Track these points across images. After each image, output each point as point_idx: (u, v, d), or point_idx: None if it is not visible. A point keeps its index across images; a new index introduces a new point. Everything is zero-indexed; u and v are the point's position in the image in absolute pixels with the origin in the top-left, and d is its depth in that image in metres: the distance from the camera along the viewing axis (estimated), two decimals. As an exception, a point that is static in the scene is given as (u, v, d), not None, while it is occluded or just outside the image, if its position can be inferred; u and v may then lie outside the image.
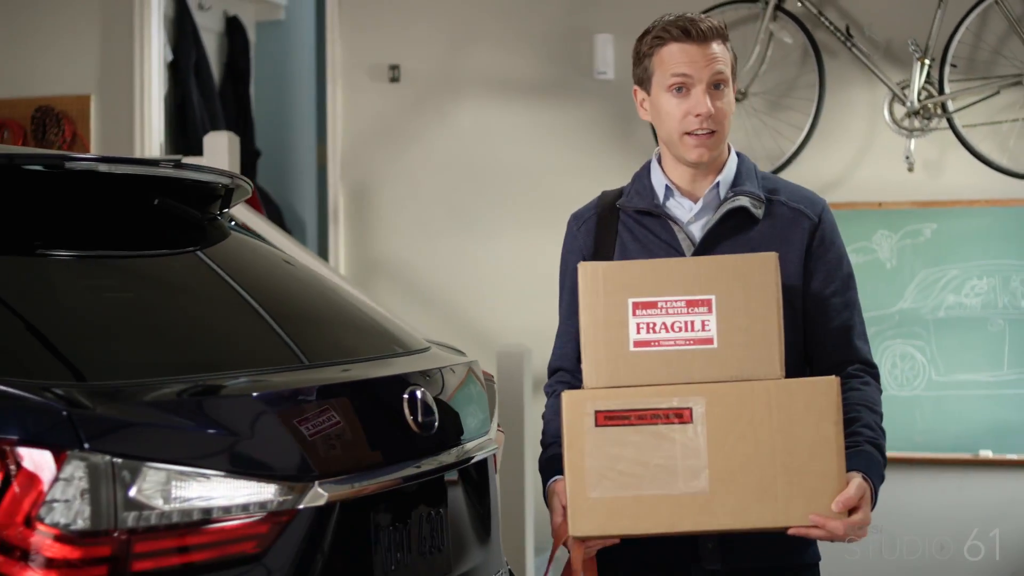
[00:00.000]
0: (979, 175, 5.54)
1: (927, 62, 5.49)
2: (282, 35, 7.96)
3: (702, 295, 2.41)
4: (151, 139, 6.39)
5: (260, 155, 7.48)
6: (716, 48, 2.65)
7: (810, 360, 2.70)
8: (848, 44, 5.62)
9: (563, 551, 2.53)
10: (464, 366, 3.01)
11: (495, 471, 3.01)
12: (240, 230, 3.15)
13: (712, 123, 2.64)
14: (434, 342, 3.18)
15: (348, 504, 2.36)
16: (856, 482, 2.40)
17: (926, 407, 5.56)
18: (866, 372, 2.69)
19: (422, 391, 2.64)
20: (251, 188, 3.14)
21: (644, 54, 2.70)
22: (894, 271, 5.62)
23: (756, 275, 2.43)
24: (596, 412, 2.37)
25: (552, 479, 2.60)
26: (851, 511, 2.38)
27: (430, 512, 2.65)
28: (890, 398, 5.46)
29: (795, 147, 5.67)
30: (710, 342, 2.40)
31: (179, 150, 6.69)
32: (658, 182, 2.74)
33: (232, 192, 3.06)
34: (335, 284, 3.28)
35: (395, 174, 6.35)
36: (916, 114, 5.52)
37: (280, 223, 6.89)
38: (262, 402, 2.35)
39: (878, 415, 2.64)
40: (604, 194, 2.84)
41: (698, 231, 2.69)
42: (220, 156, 5.37)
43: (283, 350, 2.67)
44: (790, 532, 2.40)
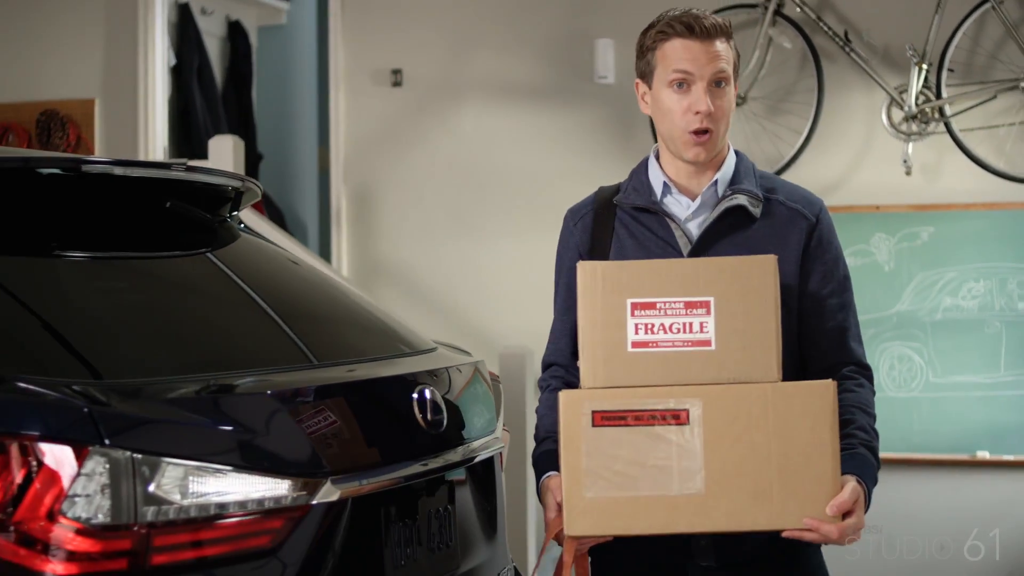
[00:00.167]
0: (976, 179, 5.55)
1: (925, 67, 5.51)
2: (283, 39, 7.96)
3: (701, 297, 2.41)
4: (155, 143, 6.41)
5: (262, 159, 7.50)
6: (719, 46, 2.63)
7: (804, 360, 2.69)
8: (846, 49, 5.63)
9: (555, 546, 2.54)
10: (470, 366, 3.04)
11: (501, 469, 3.05)
12: (249, 232, 3.19)
13: (711, 121, 2.62)
14: (440, 343, 3.21)
15: (360, 500, 2.40)
16: (850, 486, 2.40)
17: (924, 408, 5.56)
18: (860, 374, 2.68)
19: (431, 390, 2.68)
20: (260, 191, 3.18)
21: (647, 48, 2.69)
22: (892, 274, 5.62)
23: (755, 277, 2.42)
24: (593, 412, 2.37)
25: (546, 475, 2.60)
26: (845, 515, 2.39)
27: (438, 509, 2.68)
28: (888, 399, 5.53)
29: (794, 151, 5.69)
30: (708, 344, 2.40)
31: (182, 154, 6.72)
32: (656, 179, 2.73)
33: (241, 195, 3.10)
34: (341, 285, 3.31)
35: (397, 178, 6.37)
36: (914, 118, 5.54)
37: (282, 226, 6.91)
38: (276, 400, 2.39)
39: (872, 417, 2.63)
40: (601, 189, 2.83)
41: (695, 229, 2.68)
42: (225, 160, 5.42)
43: (292, 349, 2.70)
44: (784, 535, 2.40)
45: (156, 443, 2.12)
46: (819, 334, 2.67)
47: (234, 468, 2.20)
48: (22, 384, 2.11)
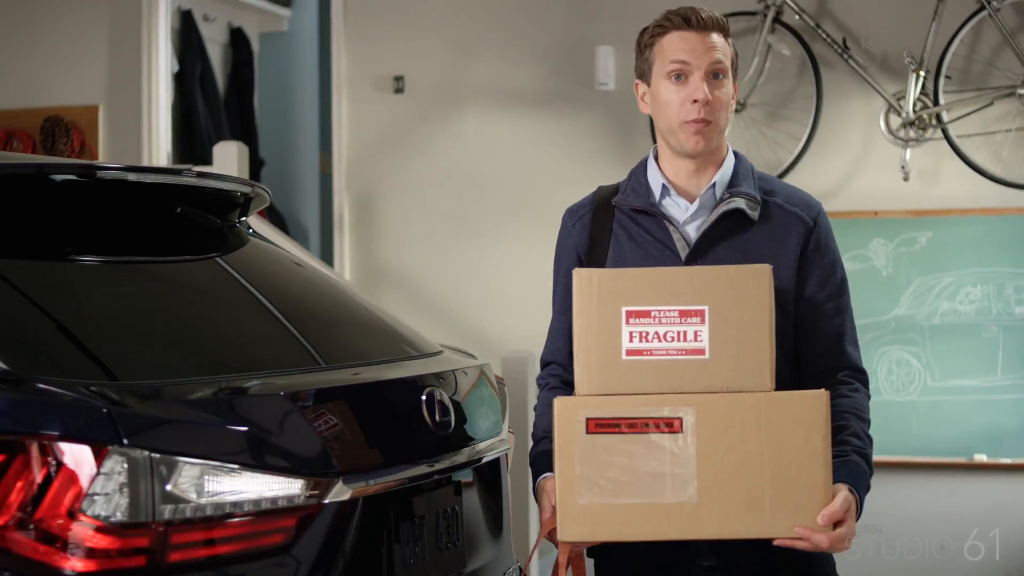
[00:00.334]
0: (973, 184, 5.57)
1: (922, 74, 5.53)
2: (285, 46, 7.98)
3: (695, 305, 2.41)
4: (158, 149, 6.43)
5: (264, 164, 7.52)
6: (716, 38, 2.63)
7: (800, 364, 2.69)
8: (845, 56, 5.65)
9: (548, 544, 2.54)
10: (476, 369, 3.08)
11: (507, 470, 3.09)
12: (257, 237, 3.22)
13: (708, 111, 2.62)
14: (446, 346, 3.25)
15: (370, 500, 2.45)
16: (842, 495, 2.40)
17: (921, 412, 5.55)
18: (855, 378, 2.68)
19: (439, 392, 2.72)
20: (269, 196, 3.21)
21: (646, 44, 2.70)
22: (890, 278, 5.64)
23: (750, 287, 2.42)
24: (587, 419, 2.37)
25: (543, 476, 2.60)
26: (836, 524, 2.38)
27: (446, 509, 2.73)
28: (886, 403, 5.55)
29: (793, 157, 5.71)
30: (702, 352, 2.40)
31: (185, 159, 6.74)
32: (654, 180, 2.72)
33: (250, 200, 3.14)
34: (348, 289, 3.35)
35: (399, 183, 6.39)
36: (911, 124, 5.55)
37: (284, 232, 6.93)
38: (289, 401, 2.43)
39: (866, 422, 2.63)
40: (600, 189, 2.83)
41: (693, 232, 2.67)
42: (229, 165, 5.45)
43: (300, 352, 2.75)
44: (775, 543, 2.41)
45: (173, 443, 2.17)
46: (815, 338, 2.67)
47: (248, 468, 2.25)
48: (41, 385, 2.16)
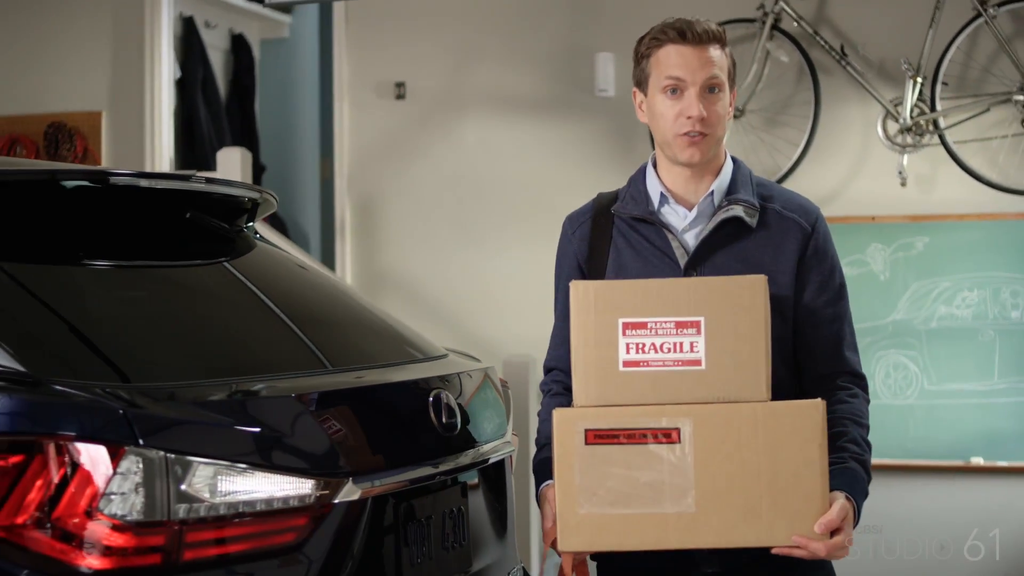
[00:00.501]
0: (970, 190, 5.59)
1: (919, 80, 5.55)
2: (286, 53, 8.01)
3: (692, 317, 2.42)
4: (161, 154, 6.44)
5: (265, 170, 7.55)
6: (712, 52, 2.63)
7: (799, 370, 2.69)
8: (842, 63, 5.68)
9: (555, 553, 2.56)
10: (481, 372, 3.12)
11: (511, 472, 3.13)
12: (265, 241, 3.26)
13: (704, 126, 2.62)
14: (450, 349, 3.29)
15: (378, 499, 2.49)
16: (839, 504, 2.41)
17: (919, 415, 5.58)
18: (854, 384, 2.68)
19: (446, 394, 2.76)
20: (276, 202, 3.25)
21: (642, 55, 2.70)
22: (887, 283, 5.66)
23: (745, 298, 2.43)
24: (586, 431, 2.38)
25: (545, 483, 2.61)
26: (833, 532, 2.40)
27: (452, 509, 2.77)
28: (884, 407, 5.58)
29: (791, 163, 5.73)
30: (698, 363, 2.41)
31: (187, 165, 6.76)
32: (653, 188, 2.73)
33: (258, 205, 3.18)
34: (353, 293, 3.39)
35: (401, 189, 6.42)
36: (909, 130, 5.57)
37: (285, 237, 6.96)
38: (299, 403, 2.47)
39: (864, 428, 2.63)
40: (600, 196, 2.83)
41: (692, 239, 2.68)
42: (233, 171, 5.48)
43: (307, 355, 2.78)
44: (773, 551, 2.42)
45: (187, 443, 2.21)
46: (814, 343, 2.68)
47: (260, 468, 2.29)
48: (58, 387, 2.20)
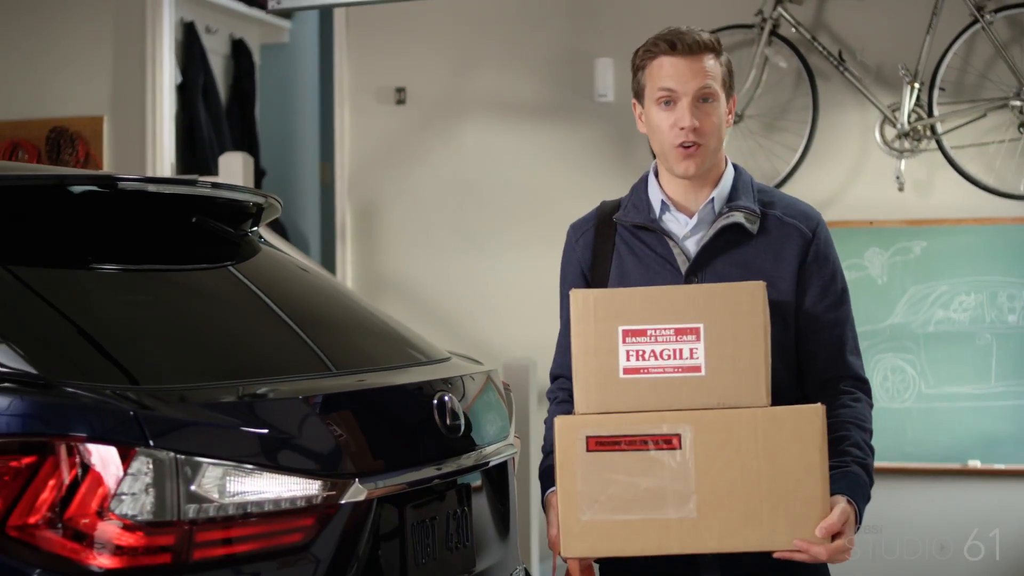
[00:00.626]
0: (967, 194, 5.62)
1: (917, 86, 5.58)
2: (286, 57, 8.04)
3: (691, 323, 2.42)
4: (162, 159, 6.46)
5: (265, 174, 7.57)
6: (704, 62, 2.63)
7: (802, 375, 2.70)
8: (840, 68, 5.71)
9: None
10: (483, 375, 3.15)
11: (514, 474, 3.16)
12: (269, 245, 3.29)
13: (697, 136, 2.63)
14: (453, 352, 3.31)
15: (384, 500, 2.52)
16: (839, 507, 2.42)
17: (916, 419, 5.62)
18: (857, 388, 2.68)
19: (449, 397, 2.79)
20: (281, 207, 3.28)
21: (638, 67, 2.71)
22: (885, 287, 5.69)
23: (744, 304, 2.43)
24: (587, 438, 2.39)
25: (550, 490, 2.62)
26: (834, 536, 2.40)
27: (456, 510, 2.80)
28: (881, 410, 5.57)
29: (789, 168, 5.76)
30: (698, 370, 2.42)
31: (188, 170, 6.78)
32: (654, 196, 2.74)
33: (262, 210, 3.20)
34: (356, 297, 3.41)
35: (401, 193, 6.44)
36: (906, 136, 5.60)
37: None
38: (306, 405, 2.50)
39: (867, 432, 2.63)
40: (603, 204, 2.85)
41: (693, 246, 2.69)
42: (235, 175, 5.51)
43: (312, 358, 2.81)
44: (775, 556, 2.43)
45: (197, 445, 2.24)
46: (816, 348, 2.69)
47: (268, 469, 2.32)
48: (70, 389, 2.23)
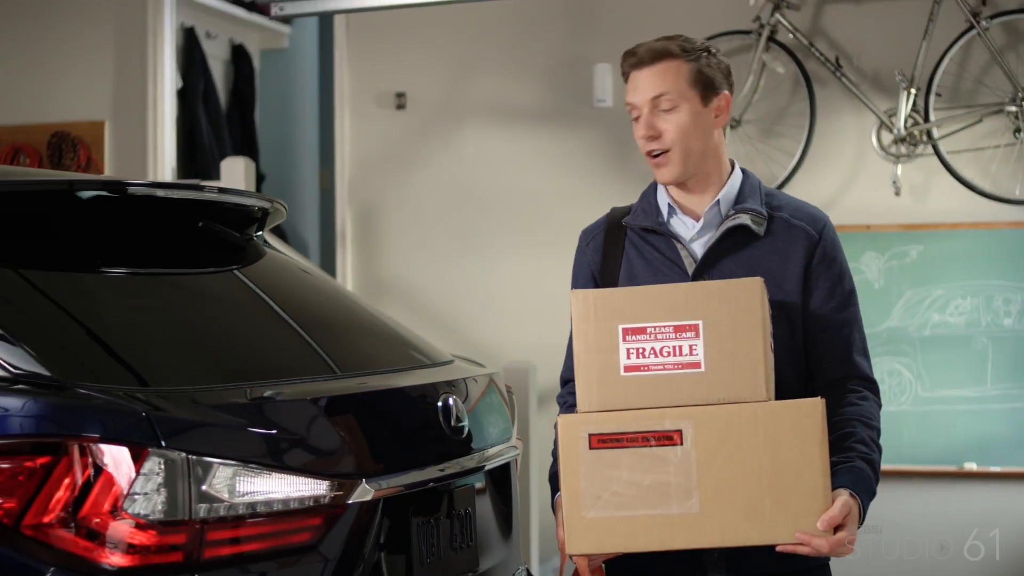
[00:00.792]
0: (963, 199, 5.65)
1: (913, 91, 5.61)
2: (285, 63, 8.04)
3: (689, 320, 2.43)
4: (164, 164, 6.47)
5: (264, 179, 7.59)
6: (658, 69, 2.66)
7: (811, 376, 2.71)
8: (838, 74, 5.74)
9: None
10: (486, 377, 3.19)
11: (516, 475, 3.20)
12: (273, 249, 3.32)
13: (659, 144, 2.66)
14: (456, 355, 3.35)
15: (390, 500, 2.56)
16: (841, 500, 2.42)
17: (912, 422, 5.65)
18: (865, 387, 2.70)
19: (454, 399, 2.82)
20: (285, 211, 3.32)
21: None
22: (882, 291, 5.71)
23: (742, 300, 2.44)
24: (590, 435, 2.40)
25: (559, 493, 2.58)
26: (836, 529, 2.40)
27: (460, 511, 2.84)
28: (878, 412, 5.62)
29: (787, 172, 5.79)
30: (698, 366, 2.43)
31: (189, 174, 6.79)
32: (662, 201, 2.77)
33: (267, 214, 3.24)
34: (360, 300, 3.45)
35: (401, 198, 6.47)
36: (903, 141, 5.63)
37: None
38: (314, 407, 2.54)
39: (873, 430, 2.64)
40: (614, 210, 2.87)
41: (700, 249, 2.71)
42: (237, 180, 5.53)
43: (316, 360, 2.85)
44: (778, 549, 2.43)
45: (207, 445, 2.28)
46: (824, 349, 2.70)
47: (277, 469, 2.36)
48: (83, 391, 2.27)
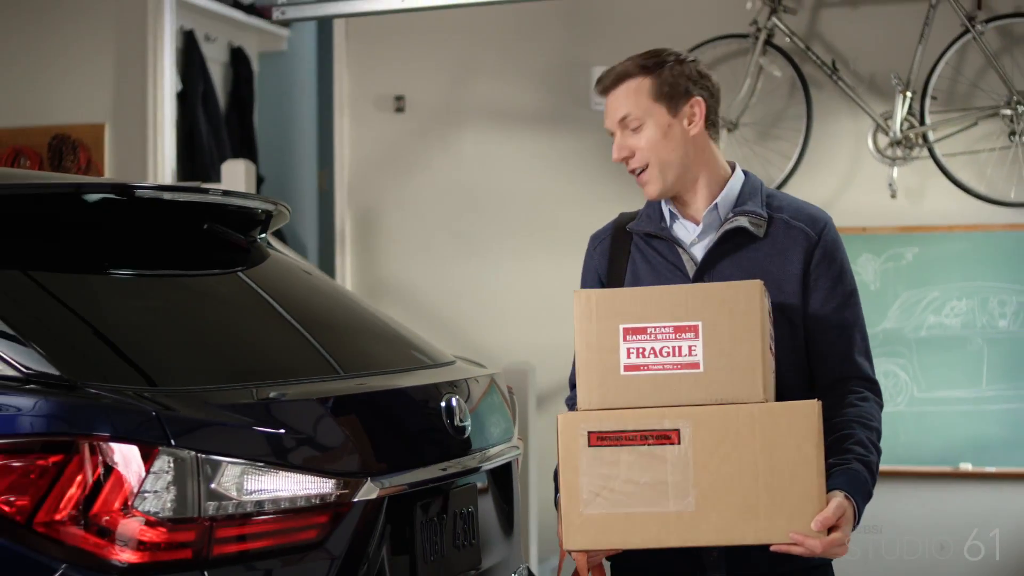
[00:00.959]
0: (958, 202, 5.67)
1: (909, 94, 5.63)
2: (284, 65, 8.07)
3: (689, 321, 2.46)
4: (163, 166, 6.49)
5: (263, 181, 7.61)
6: (619, 92, 2.75)
7: (813, 377, 2.73)
8: (834, 77, 5.76)
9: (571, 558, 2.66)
10: (487, 378, 3.23)
11: (518, 474, 3.24)
12: (277, 251, 3.36)
13: (635, 163, 2.73)
14: (457, 356, 3.39)
15: (395, 499, 2.59)
16: (836, 501, 2.44)
17: (908, 422, 5.67)
18: (866, 388, 2.72)
19: (456, 399, 2.86)
20: (289, 214, 3.35)
21: None
22: (878, 293, 5.74)
23: (741, 302, 2.47)
24: (589, 433, 2.43)
25: None
26: (830, 530, 2.42)
27: (463, 510, 2.87)
28: (875, 413, 5.65)
29: (784, 175, 5.81)
30: (697, 367, 2.45)
31: (189, 177, 6.81)
32: (665, 206, 2.80)
33: (271, 217, 3.27)
34: (362, 302, 3.48)
35: (400, 200, 6.49)
36: (899, 144, 5.65)
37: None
38: (320, 406, 2.58)
39: (872, 431, 2.66)
40: (622, 215, 2.90)
41: (700, 252, 2.74)
42: (237, 182, 5.56)
43: (320, 361, 2.89)
44: (772, 549, 2.45)
45: (216, 444, 2.31)
46: (825, 349, 2.72)
47: (285, 468, 2.39)
48: (93, 390, 2.30)
